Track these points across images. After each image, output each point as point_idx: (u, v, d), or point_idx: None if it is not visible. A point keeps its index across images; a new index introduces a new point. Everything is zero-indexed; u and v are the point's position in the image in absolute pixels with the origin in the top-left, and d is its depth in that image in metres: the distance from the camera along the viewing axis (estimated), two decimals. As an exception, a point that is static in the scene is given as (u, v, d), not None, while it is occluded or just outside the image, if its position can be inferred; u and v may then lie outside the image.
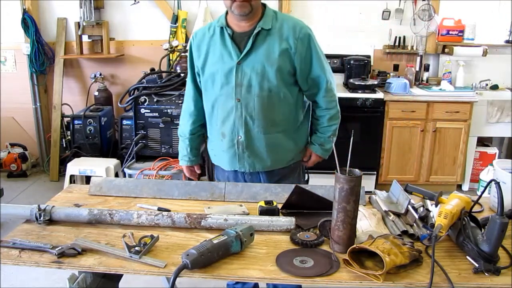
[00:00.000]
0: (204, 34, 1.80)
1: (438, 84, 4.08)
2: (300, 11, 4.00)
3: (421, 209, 1.41)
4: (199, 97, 1.90)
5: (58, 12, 4.23)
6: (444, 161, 3.87)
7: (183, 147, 1.99)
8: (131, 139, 3.25)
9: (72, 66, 4.37)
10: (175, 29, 4.06)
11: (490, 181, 1.23)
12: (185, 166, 2.01)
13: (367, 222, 1.38)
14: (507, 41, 4.14)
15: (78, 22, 4.07)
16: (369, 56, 4.13)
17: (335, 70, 4.09)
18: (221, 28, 1.73)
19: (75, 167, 3.53)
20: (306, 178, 2.11)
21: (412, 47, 4.18)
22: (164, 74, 3.37)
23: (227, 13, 1.74)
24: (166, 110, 3.08)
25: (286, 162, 1.87)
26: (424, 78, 4.17)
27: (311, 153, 1.91)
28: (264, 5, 1.76)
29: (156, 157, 3.21)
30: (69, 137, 4.05)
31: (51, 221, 1.39)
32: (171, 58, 3.85)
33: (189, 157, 1.98)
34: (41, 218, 1.37)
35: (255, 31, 1.68)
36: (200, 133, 1.98)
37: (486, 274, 1.14)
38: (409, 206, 1.43)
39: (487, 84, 4.15)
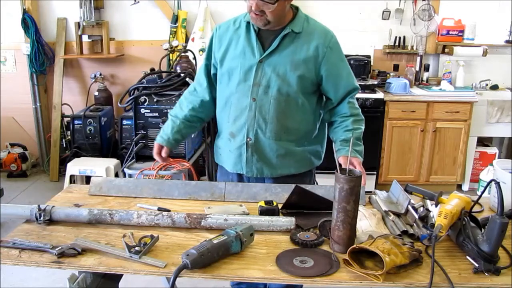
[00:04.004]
0: (229, 26, 1.73)
1: (438, 84, 4.08)
2: (300, 11, 4.03)
3: (421, 209, 1.41)
4: (207, 90, 1.81)
5: (58, 12, 4.22)
6: (444, 161, 3.87)
7: (168, 126, 1.83)
8: (131, 139, 3.24)
9: (72, 66, 4.37)
10: (175, 29, 4.07)
11: (490, 181, 1.23)
12: (158, 144, 1.81)
13: (367, 222, 1.38)
14: (507, 41, 4.14)
15: (78, 22, 4.07)
16: (369, 56, 4.13)
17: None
18: (248, 22, 1.66)
19: (75, 167, 3.53)
20: None
21: (412, 47, 4.18)
22: (164, 74, 3.37)
23: None
24: (166, 110, 3.07)
25: (295, 170, 1.77)
26: (424, 78, 4.17)
27: (344, 160, 1.59)
28: (296, 8, 1.69)
29: (156, 157, 3.21)
30: (69, 137, 4.05)
31: (51, 221, 1.39)
32: (171, 58, 3.85)
33: (169, 137, 1.80)
34: (41, 218, 1.37)
35: (284, 32, 1.62)
36: (194, 124, 1.86)
37: (486, 274, 1.14)
38: (409, 206, 1.43)
39: (487, 84, 4.16)
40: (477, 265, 1.16)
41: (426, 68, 4.18)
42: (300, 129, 1.74)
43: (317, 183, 1.95)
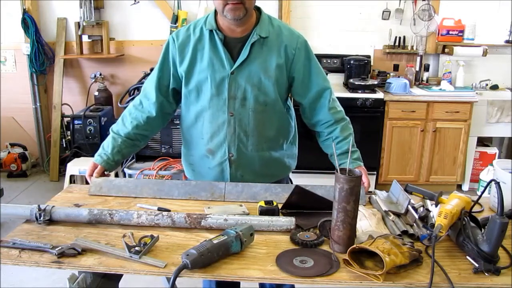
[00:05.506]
0: (189, 35, 1.61)
1: (438, 84, 4.09)
2: (300, 11, 4.00)
3: (421, 209, 1.41)
4: (154, 105, 1.67)
5: (58, 12, 4.23)
6: (444, 161, 3.87)
7: (108, 145, 1.66)
8: (131, 139, 3.25)
9: (72, 66, 4.37)
10: (175, 29, 4.06)
11: (490, 181, 1.23)
12: (95, 164, 1.66)
13: (367, 222, 1.38)
14: (507, 41, 4.15)
15: (78, 22, 4.08)
16: (369, 56, 4.14)
17: (335, 70, 4.15)
18: (211, 31, 1.56)
19: (75, 167, 3.53)
20: None
21: (412, 47, 4.18)
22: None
23: (215, 13, 1.56)
24: (166, 110, 3.08)
25: (276, 178, 1.75)
26: (424, 78, 4.17)
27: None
28: (258, 9, 1.61)
29: (156, 157, 3.22)
30: (69, 137, 4.06)
31: (51, 221, 1.39)
32: (171, 58, 3.85)
33: (109, 157, 1.65)
34: (41, 218, 1.37)
35: (252, 40, 1.54)
36: (136, 142, 1.71)
37: (486, 274, 1.14)
38: (409, 206, 1.43)
39: (487, 84, 4.16)
40: (477, 265, 1.16)
41: (426, 68, 4.19)
42: (280, 135, 1.71)
43: (291, 182, 1.91)
